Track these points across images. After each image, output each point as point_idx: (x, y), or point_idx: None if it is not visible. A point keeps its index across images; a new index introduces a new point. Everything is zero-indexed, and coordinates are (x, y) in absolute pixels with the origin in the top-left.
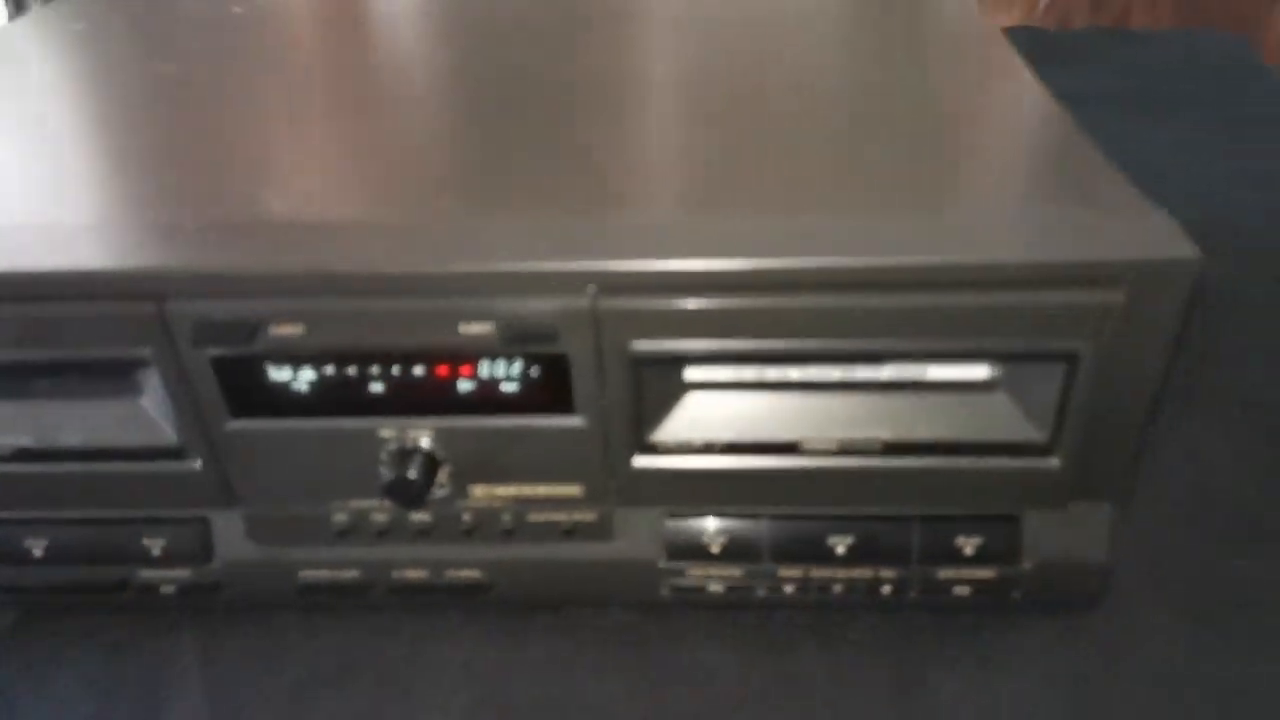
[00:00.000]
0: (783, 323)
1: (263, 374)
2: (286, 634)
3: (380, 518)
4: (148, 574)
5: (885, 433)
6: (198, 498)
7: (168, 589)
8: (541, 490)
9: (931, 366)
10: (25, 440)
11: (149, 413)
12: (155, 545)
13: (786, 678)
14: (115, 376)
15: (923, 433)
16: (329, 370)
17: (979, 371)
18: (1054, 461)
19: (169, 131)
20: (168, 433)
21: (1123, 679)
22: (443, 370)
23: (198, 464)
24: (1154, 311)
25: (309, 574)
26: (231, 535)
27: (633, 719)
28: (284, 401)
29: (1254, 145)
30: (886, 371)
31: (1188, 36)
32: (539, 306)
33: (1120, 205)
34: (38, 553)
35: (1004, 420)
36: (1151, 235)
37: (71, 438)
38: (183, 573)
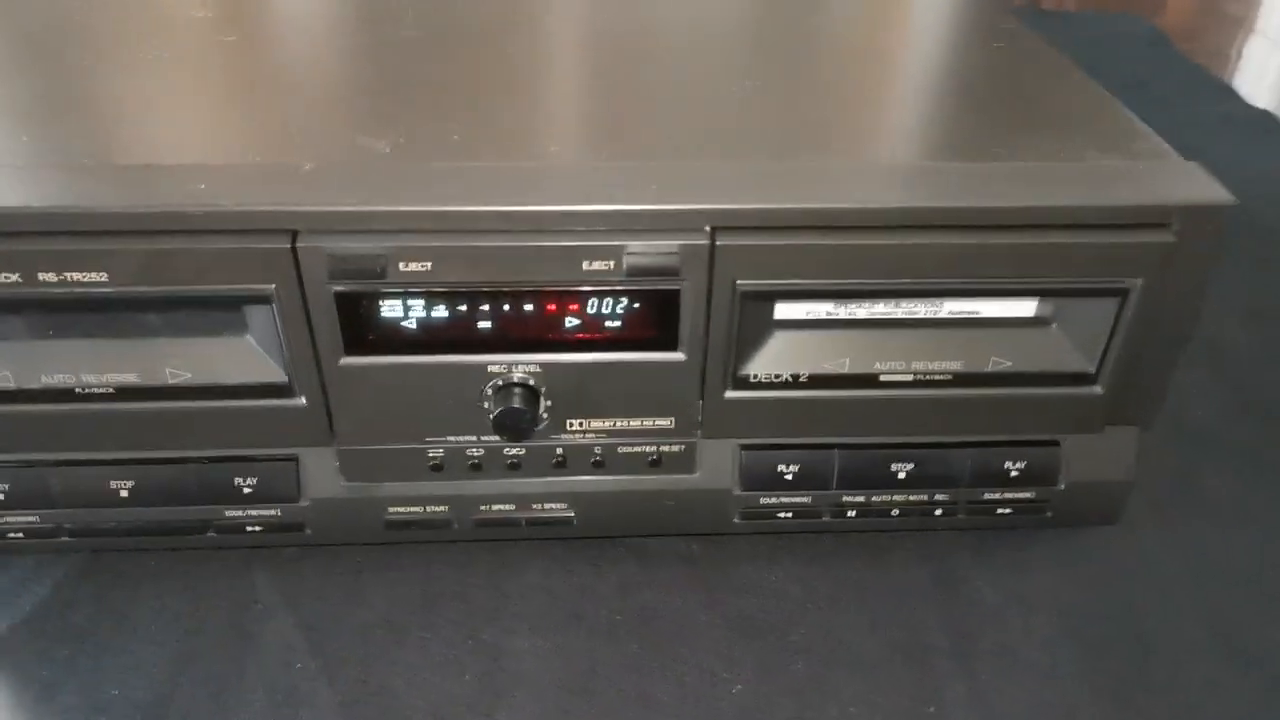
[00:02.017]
0: (869, 260)
1: (380, 311)
2: (361, 574)
3: (475, 452)
4: (234, 513)
5: (955, 364)
6: (296, 435)
7: (253, 528)
8: (634, 424)
9: (994, 303)
10: (130, 378)
11: (257, 349)
12: (246, 484)
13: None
14: (223, 314)
15: (986, 364)
16: (444, 308)
17: (1036, 308)
18: (1097, 389)
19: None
20: (276, 370)
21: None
22: (552, 307)
23: (303, 401)
24: (1195, 250)
25: (397, 510)
26: (322, 473)
27: (710, 624)
28: (397, 339)
29: (1161, 124)
30: (954, 309)
31: (1097, 17)
32: (661, 245)
33: (1158, 156)
34: (124, 494)
35: (1056, 352)
36: (1193, 181)
37: (177, 375)
38: (270, 511)
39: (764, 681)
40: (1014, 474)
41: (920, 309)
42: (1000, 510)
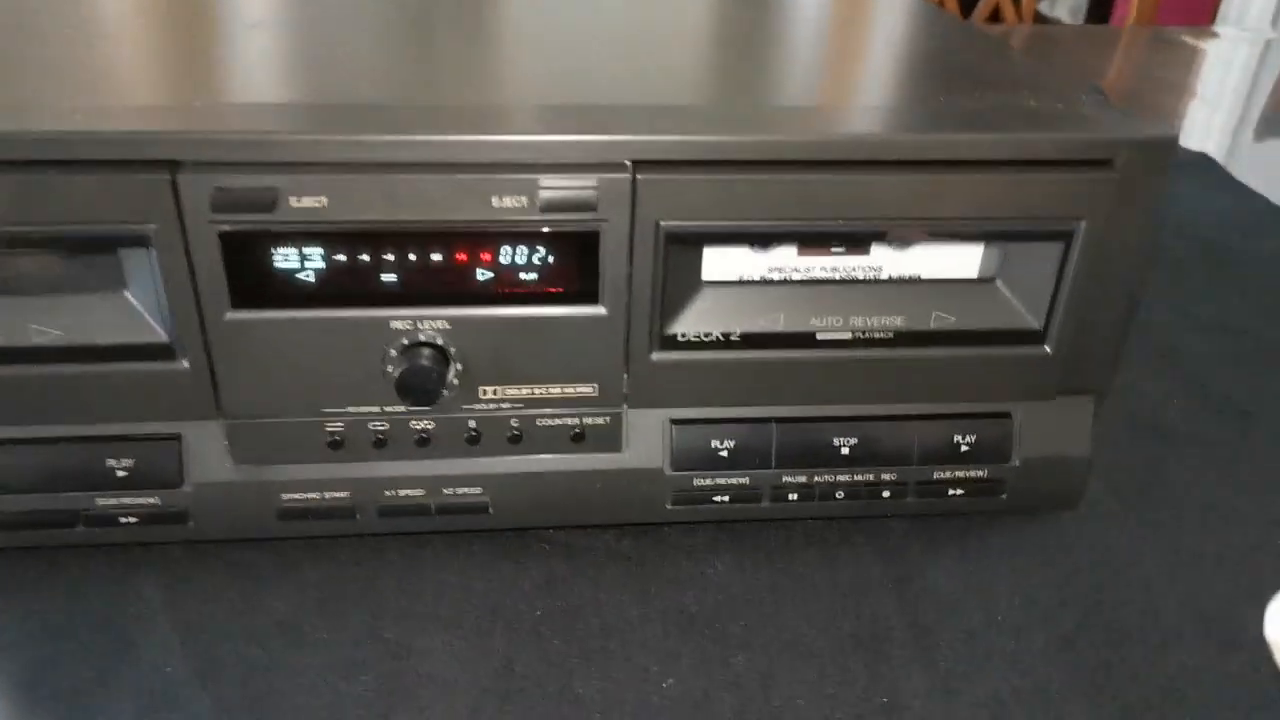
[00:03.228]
0: (803, 199)
1: (272, 258)
2: (257, 575)
3: (379, 426)
4: (106, 502)
5: (895, 320)
6: (178, 407)
7: (129, 519)
8: (554, 390)
9: (936, 260)
10: None
11: (135, 306)
12: (121, 467)
13: (791, 576)
14: (98, 264)
15: (928, 321)
16: (343, 254)
17: (979, 266)
18: (1045, 349)
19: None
20: (156, 329)
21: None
22: (462, 255)
23: (185, 365)
24: (1140, 188)
25: (293, 497)
26: (207, 454)
27: (644, 620)
28: (291, 290)
29: None
30: (894, 269)
31: None
32: (578, 179)
33: (1098, 106)
34: None
35: (1001, 307)
36: (1130, 120)
37: (44, 334)
38: (148, 500)
39: (701, 676)
40: (964, 448)
41: (858, 268)
42: (952, 492)
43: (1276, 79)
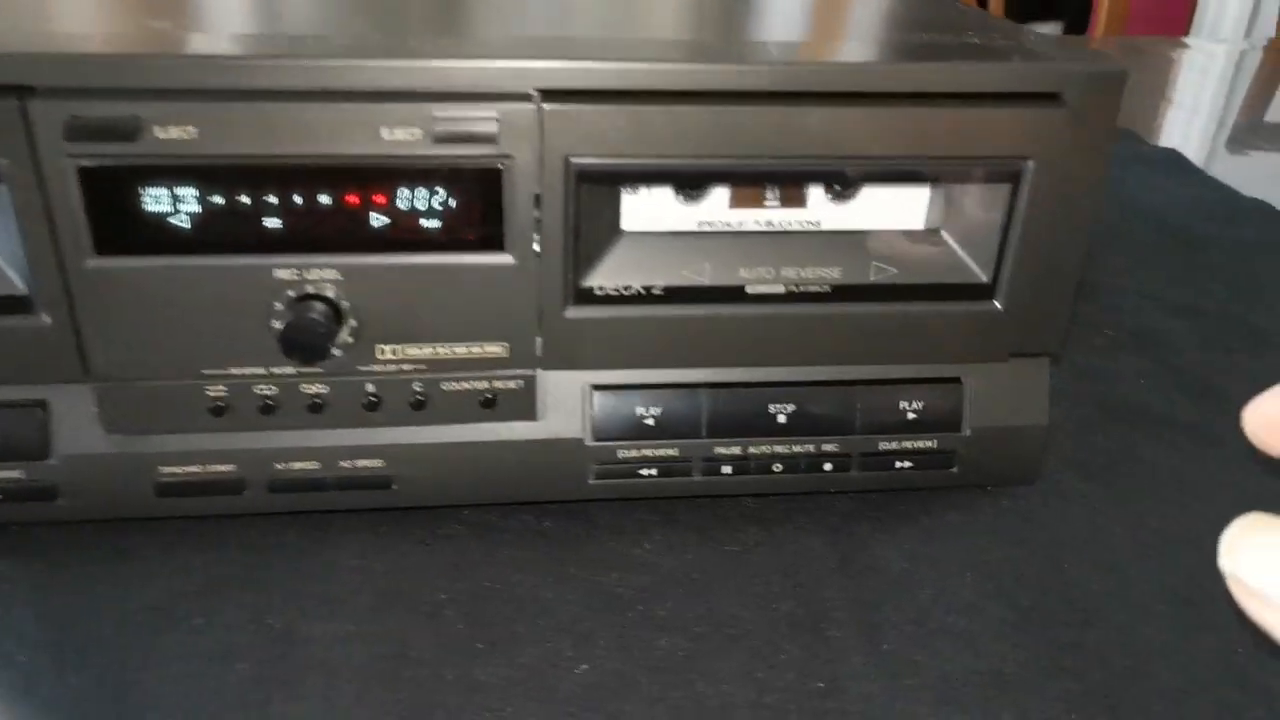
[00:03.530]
0: (725, 135)
1: (138, 197)
2: (131, 557)
3: (265, 390)
4: None
5: (832, 273)
6: (42, 369)
7: None
8: (460, 350)
9: (877, 209)
10: None
11: None
12: None
13: (724, 556)
14: None
15: (868, 274)
16: (217, 193)
17: (923, 213)
18: (995, 304)
19: None
20: (11, 279)
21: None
22: (352, 196)
23: (46, 319)
24: (1089, 125)
25: (172, 470)
26: (77, 422)
27: (560, 601)
28: (161, 235)
29: None
30: (833, 218)
31: None
32: (477, 109)
33: (1034, 39)
34: None
35: (945, 259)
36: (1079, 56)
37: None
38: (10, 474)
39: (619, 660)
40: (911, 416)
41: (795, 222)
42: (899, 464)
43: (1249, 86)
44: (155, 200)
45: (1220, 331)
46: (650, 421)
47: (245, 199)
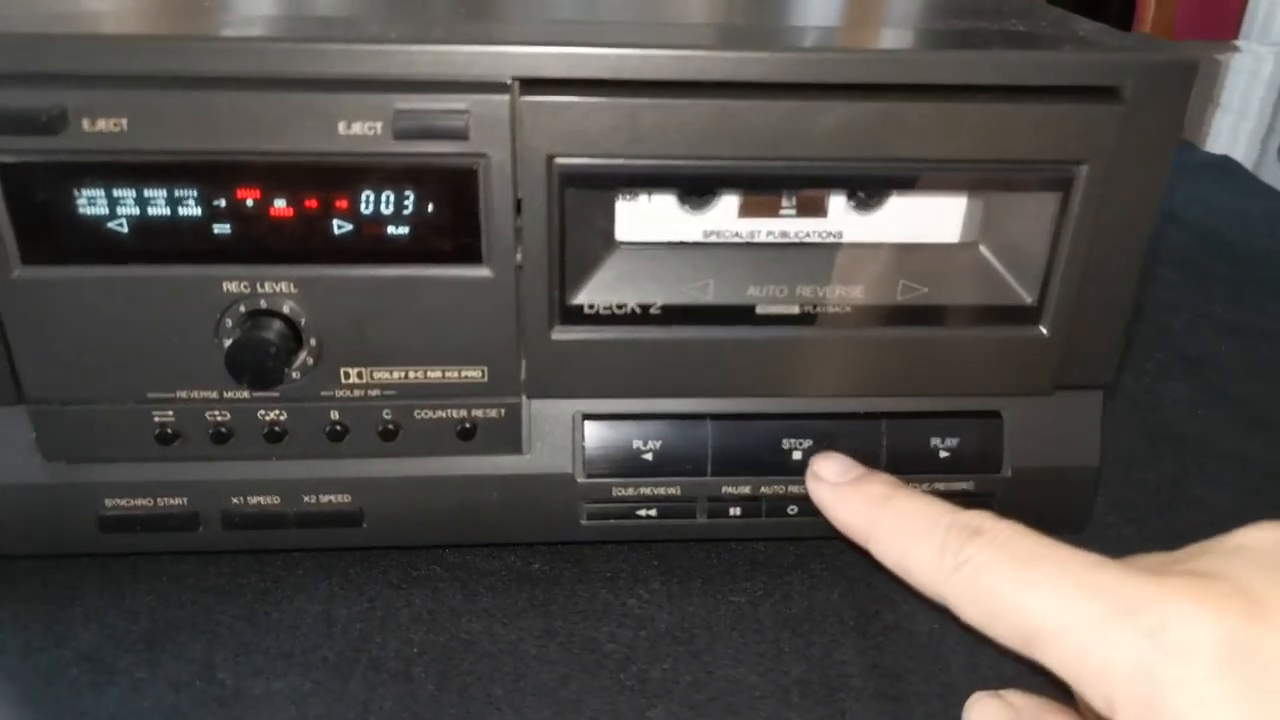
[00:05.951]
0: (730, 133)
1: (68, 198)
2: (75, 600)
3: (218, 415)
4: None
5: (854, 292)
6: None
7: None
8: (434, 374)
9: (907, 220)
10: None
11: None
12: None
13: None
14: None
15: (895, 293)
16: (156, 195)
17: (959, 225)
18: (1040, 330)
19: None
20: None
21: None
22: (309, 199)
23: None
24: (1152, 125)
25: (117, 502)
26: (12, 449)
27: (543, 660)
28: (96, 241)
29: None
30: (858, 229)
31: None
32: (445, 100)
33: (1088, 28)
34: None
35: (984, 277)
36: (1140, 45)
37: None
38: None
39: None
40: (944, 454)
41: (813, 233)
42: None
43: None
44: (87, 202)
45: (1277, 354)
46: (649, 456)
47: (188, 201)
